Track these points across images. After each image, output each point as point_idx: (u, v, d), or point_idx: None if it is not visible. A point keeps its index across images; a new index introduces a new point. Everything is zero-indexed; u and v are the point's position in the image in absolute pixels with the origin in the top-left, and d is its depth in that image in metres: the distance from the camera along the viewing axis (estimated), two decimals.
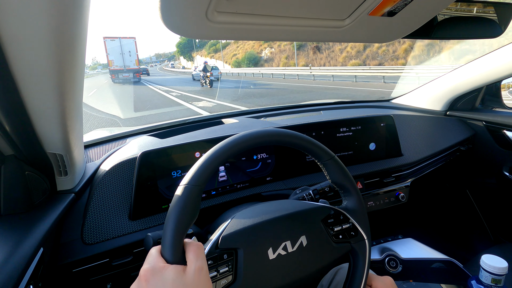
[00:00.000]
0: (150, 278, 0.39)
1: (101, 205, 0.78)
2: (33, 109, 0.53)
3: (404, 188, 1.21)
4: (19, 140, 0.57)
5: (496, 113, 1.35)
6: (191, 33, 0.44)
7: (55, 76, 0.48)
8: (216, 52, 52.32)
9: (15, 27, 0.38)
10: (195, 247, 0.43)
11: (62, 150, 0.65)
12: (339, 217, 0.57)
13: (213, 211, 0.85)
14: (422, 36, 0.68)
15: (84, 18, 0.44)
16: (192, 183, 0.44)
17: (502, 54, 1.14)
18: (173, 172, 0.84)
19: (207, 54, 55.50)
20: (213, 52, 54.20)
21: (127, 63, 24.69)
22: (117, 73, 24.15)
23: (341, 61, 22.10)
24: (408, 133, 1.32)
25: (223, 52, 47.60)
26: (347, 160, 1.13)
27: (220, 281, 0.46)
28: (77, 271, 0.70)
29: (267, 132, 0.51)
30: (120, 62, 24.48)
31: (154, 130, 1.22)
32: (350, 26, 0.49)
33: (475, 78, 1.27)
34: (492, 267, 0.71)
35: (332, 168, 0.57)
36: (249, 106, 8.59)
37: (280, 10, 0.43)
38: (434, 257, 1.08)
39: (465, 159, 1.45)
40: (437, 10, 0.52)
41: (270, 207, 0.57)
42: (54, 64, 0.46)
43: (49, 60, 0.45)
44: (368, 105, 1.68)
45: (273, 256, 0.50)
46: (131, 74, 24.32)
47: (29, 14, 0.37)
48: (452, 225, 1.61)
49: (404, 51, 17.88)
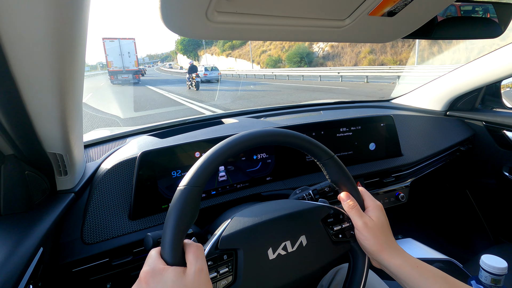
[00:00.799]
0: (150, 280, 0.39)
1: (101, 205, 0.78)
2: (33, 109, 0.53)
3: (404, 188, 1.21)
4: (19, 140, 0.57)
5: (496, 113, 1.35)
6: (191, 33, 0.44)
7: (55, 76, 0.48)
8: (234, 49, 42.73)
9: (15, 27, 0.38)
10: (195, 248, 0.43)
11: (62, 150, 0.65)
12: (339, 216, 0.58)
13: (213, 211, 0.85)
14: (422, 36, 0.68)
15: (84, 17, 0.44)
16: (191, 184, 0.44)
17: (502, 54, 1.14)
18: (173, 172, 0.84)
19: (220, 52, 46.90)
20: (229, 49, 44.02)
21: (126, 64, 24.47)
22: (116, 74, 23.95)
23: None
24: (408, 133, 1.32)
25: (243, 50, 39.49)
26: (347, 160, 1.13)
27: (220, 281, 0.46)
28: (77, 271, 0.70)
29: (266, 132, 0.51)
30: (119, 63, 24.24)
31: (154, 130, 1.22)
32: (350, 26, 0.49)
33: (475, 78, 1.27)
34: (492, 267, 0.71)
35: (332, 167, 0.57)
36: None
37: (280, 10, 0.43)
38: (434, 257, 1.08)
39: (465, 159, 1.45)
40: (437, 10, 0.52)
41: (270, 207, 0.57)
42: (54, 64, 0.46)
43: (49, 60, 0.45)
44: (368, 105, 1.68)
45: (273, 256, 0.50)
46: (130, 75, 24.09)
47: (29, 14, 0.37)
48: (452, 225, 1.61)
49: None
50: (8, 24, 0.38)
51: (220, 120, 1.32)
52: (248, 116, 1.37)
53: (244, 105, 9.25)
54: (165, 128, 1.24)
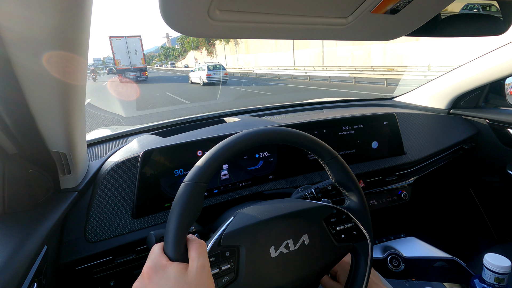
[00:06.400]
0: (153, 276, 0.39)
1: (104, 203, 0.78)
2: (36, 108, 0.53)
3: (407, 187, 1.21)
4: (22, 139, 0.58)
5: (500, 111, 1.33)
6: (193, 31, 0.44)
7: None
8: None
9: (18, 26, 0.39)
10: (197, 244, 0.43)
11: (65, 148, 0.65)
12: (342, 216, 0.57)
13: (215, 209, 0.86)
14: (425, 33, 0.67)
15: (86, 16, 0.45)
16: (196, 180, 0.44)
17: (505, 52, 1.13)
18: (176, 170, 0.84)
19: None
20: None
21: (133, 62, 24.75)
22: (124, 72, 24.22)
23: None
24: (411, 131, 1.31)
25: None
26: (349, 158, 1.12)
27: (222, 278, 0.46)
28: (80, 269, 0.71)
29: (270, 130, 0.51)
30: (126, 61, 24.56)
31: (157, 129, 1.22)
32: (353, 24, 0.49)
33: (479, 76, 1.26)
34: (495, 266, 0.71)
35: (336, 167, 0.56)
36: None
37: (282, 8, 0.42)
38: (437, 255, 1.07)
39: (468, 157, 1.44)
40: (441, 7, 0.51)
41: (272, 205, 0.57)
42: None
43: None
44: (371, 104, 1.68)
45: (275, 254, 0.50)
46: (137, 73, 24.39)
47: (32, 13, 0.37)
48: (455, 224, 1.60)
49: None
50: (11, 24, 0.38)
51: (222, 118, 1.32)
52: (250, 114, 1.37)
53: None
54: (167, 127, 1.24)
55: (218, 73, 16.54)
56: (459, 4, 0.73)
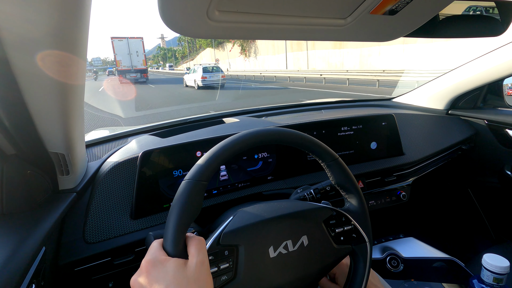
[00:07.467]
0: (151, 270, 0.39)
1: (102, 204, 0.78)
2: (34, 109, 0.53)
3: (406, 187, 1.21)
4: (21, 140, 0.58)
5: (498, 111, 1.34)
6: (192, 32, 0.44)
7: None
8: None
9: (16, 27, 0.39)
10: (197, 241, 0.43)
11: (64, 149, 0.65)
12: (341, 218, 0.57)
13: (214, 210, 0.86)
14: (424, 34, 0.68)
15: (85, 16, 0.44)
16: (196, 178, 0.44)
17: (503, 52, 1.14)
18: (174, 171, 0.84)
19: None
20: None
21: (134, 63, 24.80)
22: (125, 73, 24.27)
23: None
24: (410, 132, 1.32)
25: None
26: (348, 159, 1.13)
27: (220, 277, 0.46)
28: (79, 270, 0.71)
29: (271, 131, 0.51)
30: (127, 62, 24.60)
31: (156, 129, 1.22)
32: (352, 24, 0.49)
33: (477, 77, 1.26)
34: (494, 266, 0.71)
35: (336, 169, 0.57)
36: None
37: (281, 8, 0.43)
38: (436, 256, 1.07)
39: (466, 158, 1.44)
40: (439, 8, 0.51)
41: (272, 206, 0.57)
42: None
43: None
44: (369, 104, 1.68)
45: (274, 255, 0.50)
46: (138, 74, 24.43)
47: (30, 13, 0.37)
48: (454, 224, 1.61)
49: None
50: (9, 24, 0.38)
51: (221, 119, 1.32)
52: (249, 115, 1.37)
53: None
54: (166, 128, 1.24)
55: (214, 75, 14.84)
56: (461, 6, 0.73)
